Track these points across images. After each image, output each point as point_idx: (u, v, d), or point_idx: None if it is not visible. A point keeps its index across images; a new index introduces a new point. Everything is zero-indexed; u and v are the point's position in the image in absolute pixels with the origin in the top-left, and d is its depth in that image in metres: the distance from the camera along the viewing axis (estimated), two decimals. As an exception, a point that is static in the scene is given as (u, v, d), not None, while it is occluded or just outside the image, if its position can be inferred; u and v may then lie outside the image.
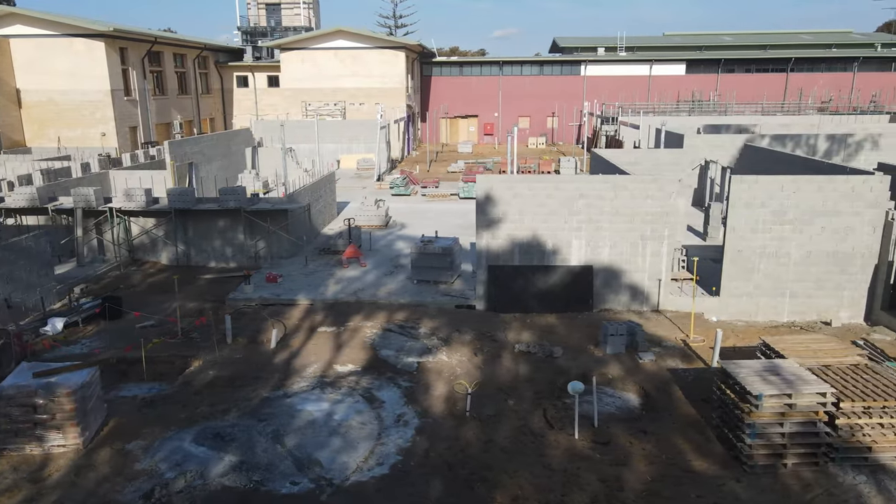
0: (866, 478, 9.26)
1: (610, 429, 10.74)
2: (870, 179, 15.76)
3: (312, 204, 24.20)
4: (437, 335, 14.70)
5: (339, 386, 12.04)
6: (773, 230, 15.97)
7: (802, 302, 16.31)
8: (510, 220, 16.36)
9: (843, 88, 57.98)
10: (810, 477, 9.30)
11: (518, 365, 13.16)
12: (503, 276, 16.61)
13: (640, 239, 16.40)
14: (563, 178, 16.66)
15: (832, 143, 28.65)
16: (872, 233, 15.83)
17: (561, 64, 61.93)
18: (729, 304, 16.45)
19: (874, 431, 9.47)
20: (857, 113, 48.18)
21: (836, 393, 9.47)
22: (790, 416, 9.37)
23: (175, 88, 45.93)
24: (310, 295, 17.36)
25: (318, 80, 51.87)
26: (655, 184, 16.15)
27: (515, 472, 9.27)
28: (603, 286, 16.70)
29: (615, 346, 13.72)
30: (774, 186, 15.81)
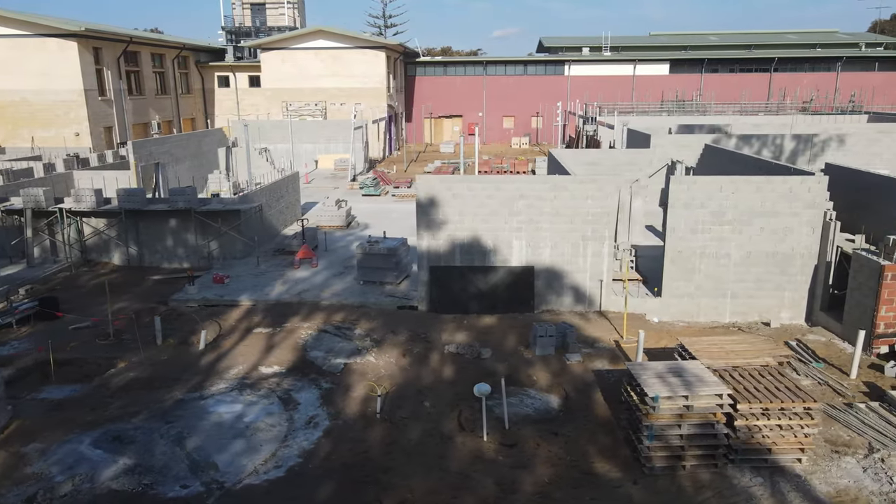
0: (763, 479, 9.23)
1: (521, 431, 10.71)
2: (807, 180, 15.74)
3: (272, 204, 24.16)
4: (372, 336, 14.66)
5: (259, 388, 12.01)
6: (712, 231, 15.95)
7: (743, 302, 16.29)
8: (451, 221, 16.32)
9: (827, 88, 58.03)
10: (707, 479, 9.28)
11: (444, 366, 13.13)
12: (444, 277, 16.57)
13: (581, 239, 16.37)
14: (504, 178, 16.59)
15: (798, 143, 28.64)
16: (811, 233, 15.82)
17: (545, 64, 61.91)
18: (671, 305, 16.43)
19: (773, 433, 9.44)
20: (836, 113, 48.16)
21: (733, 394, 9.44)
22: (688, 418, 9.34)
23: (153, 88, 45.84)
24: (254, 296, 17.31)
25: (299, 80, 51.82)
26: (595, 184, 16.12)
27: (410, 475, 9.23)
28: (545, 287, 16.67)
29: (544, 347, 13.69)
30: (713, 187, 15.79)
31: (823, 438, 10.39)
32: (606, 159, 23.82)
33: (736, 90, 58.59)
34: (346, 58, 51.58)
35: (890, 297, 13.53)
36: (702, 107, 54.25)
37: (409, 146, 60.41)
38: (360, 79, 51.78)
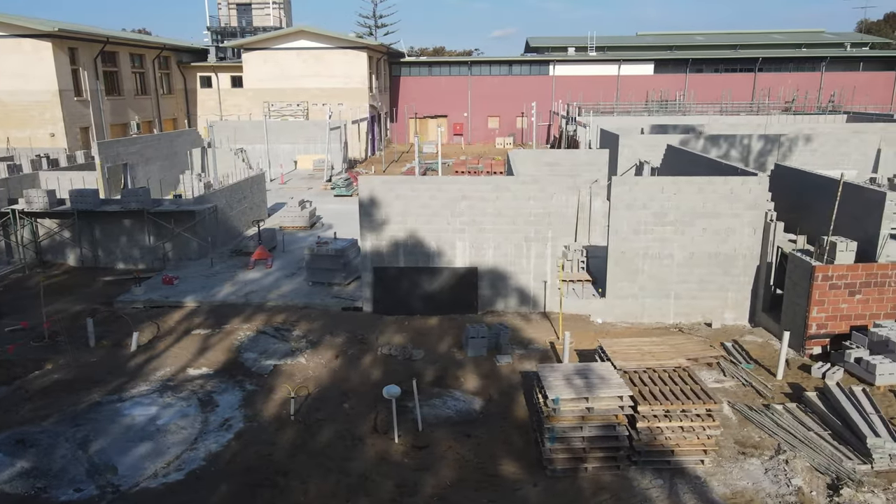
0: (663, 481, 9.21)
1: (435, 433, 10.69)
2: (748, 181, 15.73)
3: (234, 205, 24.14)
4: (309, 337, 14.64)
5: (182, 390, 11.99)
6: (655, 231, 15.93)
7: (687, 303, 16.28)
8: (394, 222, 16.29)
9: (811, 88, 58.03)
10: (608, 481, 9.26)
11: (374, 368, 13.11)
12: (388, 278, 16.55)
13: (524, 241, 16.35)
14: (446, 179, 16.57)
15: (766, 144, 28.64)
16: (753, 234, 15.80)
17: (530, 64, 61.93)
18: (615, 306, 16.41)
19: (675, 434, 9.42)
20: (816, 113, 48.16)
21: (636, 396, 9.43)
22: (589, 420, 9.33)
23: (132, 89, 45.77)
24: (200, 297, 17.28)
25: (281, 80, 51.78)
26: (537, 185, 16.09)
27: (309, 478, 9.21)
28: (489, 288, 16.64)
29: (476, 348, 13.67)
30: (655, 188, 15.77)
31: (734, 439, 10.38)
32: (566, 160, 23.78)
33: (720, 90, 58.60)
34: (327, 58, 51.54)
35: (821, 298, 13.51)
36: (684, 107, 54.27)
37: (394, 146, 60.42)
38: (342, 79, 51.77)
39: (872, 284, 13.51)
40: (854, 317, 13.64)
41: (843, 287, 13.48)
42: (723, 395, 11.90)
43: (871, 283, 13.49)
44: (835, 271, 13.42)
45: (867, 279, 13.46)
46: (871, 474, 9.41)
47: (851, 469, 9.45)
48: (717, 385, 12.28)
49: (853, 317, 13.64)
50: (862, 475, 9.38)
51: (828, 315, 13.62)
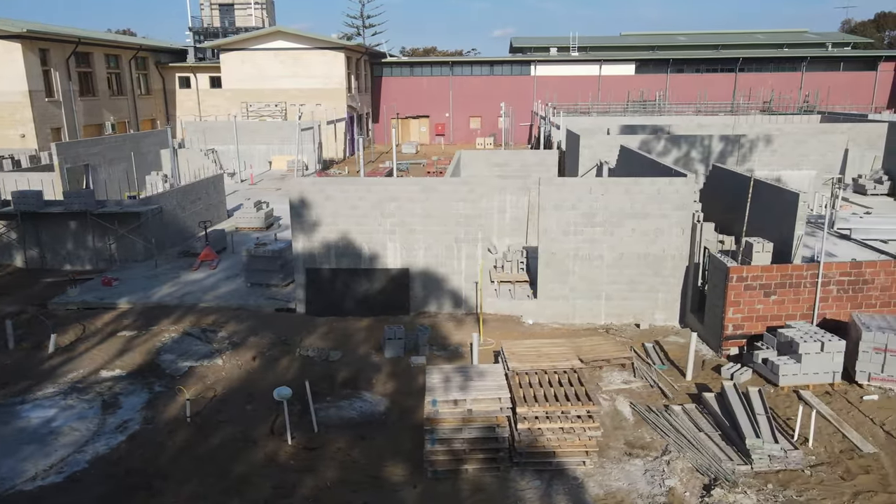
0: (541, 482, 9.24)
1: (331, 435, 10.72)
2: (675, 181, 15.75)
3: (187, 206, 24.14)
4: (233, 339, 14.67)
5: (88, 392, 12.01)
6: (584, 232, 15.96)
7: (618, 304, 16.30)
8: (325, 223, 16.32)
9: (792, 88, 58.07)
10: (487, 482, 9.29)
11: (289, 370, 13.14)
12: (321, 280, 16.57)
13: (455, 242, 16.37)
14: (374, 180, 16.58)
15: (726, 144, 28.68)
16: (681, 234, 15.83)
17: (511, 64, 61.94)
18: (547, 307, 16.43)
19: (556, 436, 9.45)
20: (791, 113, 48.21)
21: (521, 398, 9.45)
22: (470, 422, 9.35)
23: (107, 90, 45.76)
24: (135, 298, 17.29)
25: (260, 80, 51.81)
26: (466, 186, 16.12)
27: (186, 481, 9.24)
28: (421, 289, 16.67)
29: (393, 349, 13.70)
30: (583, 189, 15.80)
31: (625, 440, 10.41)
32: (515, 160, 23.82)
33: (702, 90, 58.64)
34: (305, 58, 51.57)
35: (736, 299, 13.55)
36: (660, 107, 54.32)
37: (376, 146, 60.43)
38: (321, 79, 51.81)
39: (788, 285, 13.54)
40: (770, 318, 13.67)
41: (759, 288, 13.51)
42: (627, 396, 11.94)
43: (787, 283, 13.52)
44: (749, 272, 13.45)
45: (782, 280, 13.49)
46: (750, 475, 9.44)
47: (731, 470, 9.48)
48: (624, 386, 12.32)
49: (769, 318, 13.67)
50: (740, 476, 9.41)
51: (744, 316, 13.65)
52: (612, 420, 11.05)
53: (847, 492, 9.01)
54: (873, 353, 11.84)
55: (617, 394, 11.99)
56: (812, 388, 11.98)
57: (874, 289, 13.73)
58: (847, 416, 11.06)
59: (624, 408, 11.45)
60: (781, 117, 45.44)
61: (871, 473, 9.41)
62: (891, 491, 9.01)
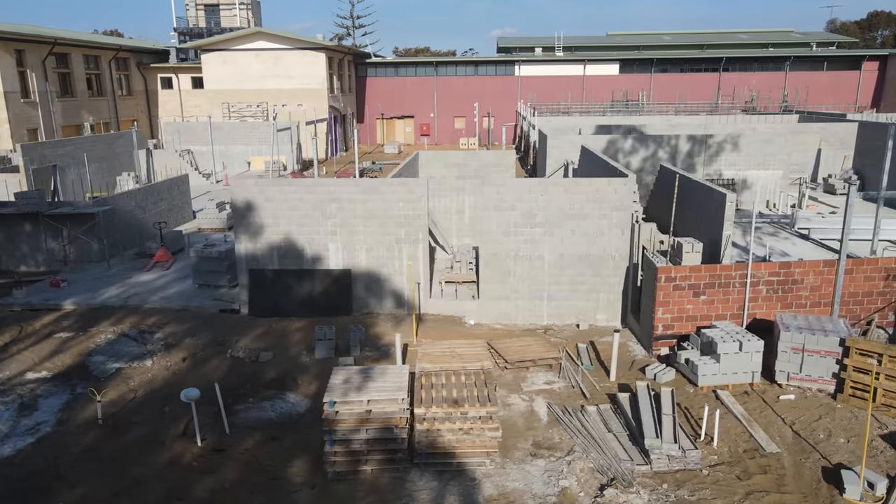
0: (437, 483, 9.26)
1: (243, 436, 10.73)
2: (614, 182, 15.78)
3: (148, 207, 24.16)
4: (169, 340, 14.69)
5: (9, 394, 12.03)
6: (524, 233, 15.98)
7: (560, 304, 16.32)
8: (267, 224, 16.34)
9: (775, 88, 58.08)
10: (384, 483, 9.31)
11: (216, 371, 13.15)
12: (264, 281, 16.59)
13: (396, 242, 16.39)
14: (315, 181, 16.60)
15: (693, 145, 28.72)
16: (621, 235, 15.85)
17: (495, 64, 61.94)
18: (489, 308, 16.45)
19: (454, 436, 9.47)
20: (767, 113, 48.21)
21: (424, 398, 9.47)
22: (369, 423, 9.37)
23: (86, 90, 45.76)
24: (80, 300, 17.30)
25: (241, 81, 51.81)
26: (405, 186, 16.13)
27: (82, 482, 9.25)
28: (364, 290, 16.68)
29: (323, 350, 13.72)
30: (522, 189, 15.82)
31: (534, 441, 10.43)
32: (472, 161, 23.81)
33: (685, 90, 58.69)
34: (286, 59, 51.57)
35: (665, 299, 13.57)
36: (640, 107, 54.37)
37: (360, 147, 60.43)
38: (302, 80, 51.81)
39: (717, 285, 13.56)
40: (700, 318, 13.69)
41: (688, 288, 13.54)
42: (547, 397, 11.96)
43: (716, 284, 13.54)
44: (678, 272, 13.47)
45: (711, 280, 13.51)
46: (649, 475, 9.46)
47: (630, 470, 9.51)
48: (545, 387, 12.34)
49: (699, 318, 13.69)
50: (639, 475, 9.43)
51: (673, 316, 13.67)
52: (525, 420, 11.08)
53: (740, 491, 9.03)
54: (791, 352, 11.86)
55: (537, 394, 12.01)
56: (731, 388, 12.00)
57: (804, 289, 13.75)
58: (759, 415, 11.08)
59: (540, 408, 11.47)
60: (758, 117, 45.45)
61: (768, 473, 9.43)
62: (784, 491, 9.04)
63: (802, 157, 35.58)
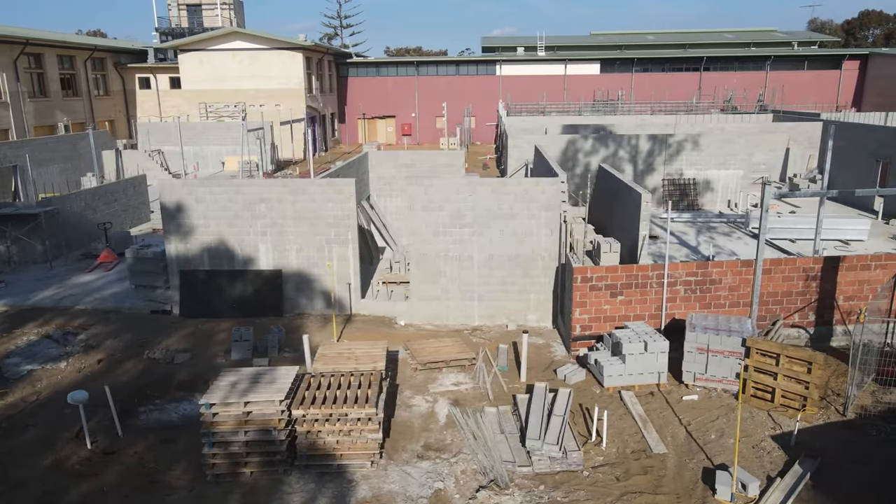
0: (314, 485, 9.22)
1: (136, 438, 10.68)
2: (541, 182, 15.74)
3: (100, 208, 24.09)
4: (90, 342, 14.63)
5: (-87, 395, 11.97)
6: (453, 233, 15.93)
7: (491, 305, 16.27)
8: (197, 225, 16.28)
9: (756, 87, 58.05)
10: (261, 485, 9.26)
11: (128, 372, 13.10)
12: (195, 282, 16.54)
13: (326, 243, 16.34)
14: (244, 181, 16.56)
15: (654, 144, 28.68)
16: (550, 235, 15.80)
17: (477, 64, 61.88)
18: (420, 308, 16.39)
19: (334, 438, 9.42)
20: (744, 112, 48.16)
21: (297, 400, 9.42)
22: (247, 425, 9.32)
23: (59, 90, 45.66)
24: (13, 301, 17.24)
25: (219, 81, 51.76)
26: (333, 187, 16.08)
27: (-46, 484, 9.21)
28: (295, 291, 16.64)
29: (239, 351, 13.67)
30: (450, 189, 15.77)
31: (426, 442, 10.39)
32: (423, 161, 23.75)
33: (666, 89, 58.67)
34: (263, 59, 51.53)
35: (582, 300, 13.52)
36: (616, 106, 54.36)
37: (341, 147, 60.42)
38: (280, 80, 51.75)
39: (634, 286, 13.52)
40: (618, 318, 13.65)
41: (605, 288, 13.49)
42: (452, 398, 11.91)
43: (633, 284, 13.50)
44: (594, 272, 13.43)
45: (628, 280, 13.47)
46: (530, 476, 9.42)
47: (511, 471, 9.46)
48: (453, 388, 12.29)
49: (617, 318, 13.65)
50: (520, 477, 9.39)
51: (591, 317, 13.63)
52: (423, 422, 11.03)
53: (615, 492, 8.99)
54: (697, 353, 11.82)
55: (442, 395, 11.96)
56: (638, 389, 11.96)
57: (722, 289, 13.72)
58: (659, 416, 11.04)
59: (442, 410, 11.42)
60: (733, 116, 45.42)
61: (648, 474, 9.38)
62: (659, 492, 8.99)
63: (771, 156, 35.62)
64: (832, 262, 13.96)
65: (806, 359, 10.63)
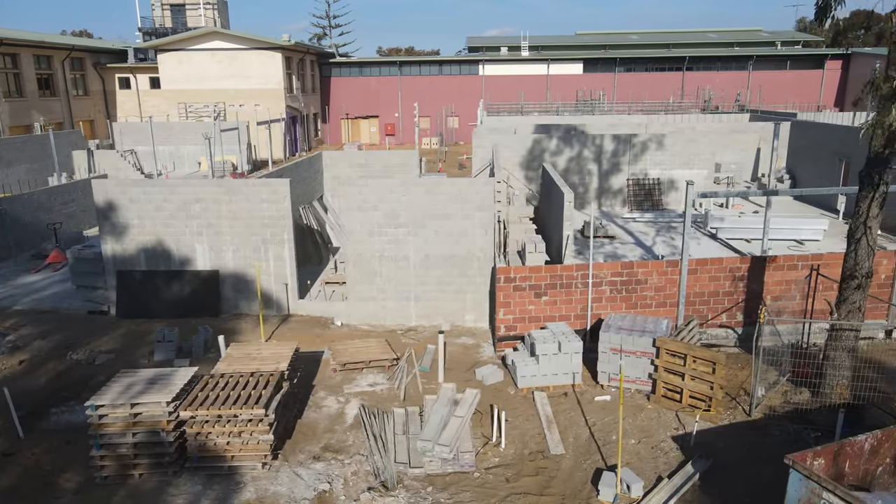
0: (201, 487, 9.16)
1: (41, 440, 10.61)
2: (476, 182, 15.69)
3: (58, 207, 24.03)
4: (18, 342, 14.56)
5: None
6: (388, 233, 15.87)
7: (427, 305, 16.21)
8: (133, 225, 16.22)
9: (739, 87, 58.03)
10: (148, 487, 9.19)
11: (44, 373, 13.04)
12: (132, 282, 16.47)
13: (262, 243, 16.28)
14: (178, 181, 16.51)
15: (618, 144, 28.63)
16: (485, 235, 15.74)
17: (459, 63, 61.84)
18: (357, 309, 16.33)
19: (222, 439, 9.36)
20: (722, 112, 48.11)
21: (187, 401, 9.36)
22: (135, 427, 9.26)
23: (36, 90, 45.56)
24: (-48, 301, 17.19)
25: (198, 81, 51.69)
26: (268, 187, 16.02)
27: None
28: (233, 291, 16.57)
29: (162, 352, 13.61)
30: (384, 189, 15.71)
31: (326, 443, 10.33)
32: (377, 161, 23.71)
33: (649, 89, 58.65)
34: (242, 59, 51.47)
35: (506, 300, 13.47)
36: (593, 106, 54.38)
37: (323, 147, 60.31)
38: (259, 80, 51.69)
39: (559, 286, 13.46)
40: (543, 318, 13.60)
41: (528, 289, 13.44)
42: (366, 399, 11.86)
43: (558, 284, 13.44)
44: (517, 273, 13.37)
45: (552, 280, 13.41)
46: (421, 477, 9.36)
47: (404, 472, 9.40)
48: (368, 388, 12.24)
49: (542, 318, 13.60)
50: (412, 478, 9.33)
51: (515, 317, 13.57)
52: (329, 423, 10.98)
53: (501, 494, 8.93)
54: (610, 353, 11.77)
55: (355, 396, 11.91)
56: (552, 389, 11.91)
57: (648, 289, 13.66)
58: (566, 417, 10.99)
59: (352, 411, 11.37)
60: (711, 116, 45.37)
61: (539, 475, 9.33)
62: (545, 494, 8.94)
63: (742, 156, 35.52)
64: (759, 262, 13.92)
65: (710, 359, 10.58)
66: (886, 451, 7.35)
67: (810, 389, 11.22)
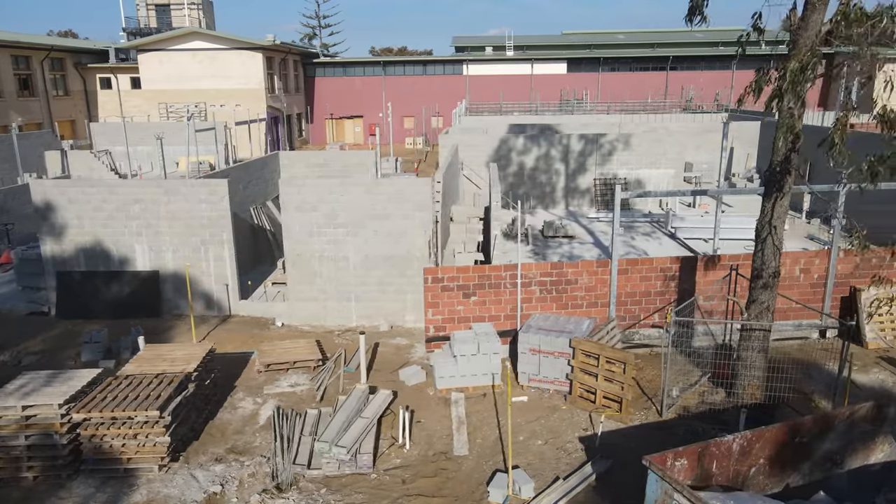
0: (94, 489, 9.08)
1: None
2: (415, 182, 15.63)
3: (18, 208, 23.93)
4: (-51, 344, 14.49)
5: None
6: (328, 233, 15.80)
7: (368, 305, 16.13)
8: (71, 226, 16.14)
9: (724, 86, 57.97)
10: (39, 491, 9.12)
11: (-28, 374, 12.95)
12: (71, 283, 16.39)
13: (202, 244, 16.20)
14: (116, 182, 16.48)
15: (585, 143, 28.55)
16: (424, 235, 15.68)
17: (444, 63, 61.78)
18: (299, 309, 16.26)
19: (118, 442, 9.29)
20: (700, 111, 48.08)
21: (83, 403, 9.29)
22: (28, 428, 9.18)
23: (14, 91, 45.50)
24: None
25: (179, 81, 51.64)
26: (206, 187, 15.95)
27: None
28: (174, 291, 16.49)
29: (89, 353, 13.54)
30: (323, 189, 15.64)
31: (232, 445, 10.25)
32: (335, 160, 23.64)
33: (633, 89, 58.61)
34: (222, 59, 51.42)
35: (434, 300, 13.38)
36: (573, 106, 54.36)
37: (307, 147, 60.24)
38: (240, 80, 51.65)
39: (487, 286, 13.37)
40: (473, 319, 13.50)
41: (457, 289, 13.35)
42: (284, 400, 11.79)
43: (486, 284, 13.35)
44: (444, 273, 13.29)
45: (481, 281, 13.32)
46: (319, 478, 9.29)
47: (302, 473, 9.33)
48: (288, 389, 12.17)
49: (472, 319, 13.50)
50: (310, 479, 9.26)
51: (444, 317, 13.48)
52: (241, 424, 10.91)
53: (394, 495, 8.86)
54: (529, 353, 11.70)
55: (274, 397, 11.84)
56: (472, 390, 11.84)
57: (579, 289, 13.58)
58: (480, 418, 10.92)
59: (266, 412, 11.30)
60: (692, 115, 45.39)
61: (437, 477, 9.26)
62: (438, 495, 8.86)
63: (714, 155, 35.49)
64: (690, 262, 13.86)
65: (620, 359, 10.51)
66: (759, 451, 7.29)
67: (725, 389, 11.15)
